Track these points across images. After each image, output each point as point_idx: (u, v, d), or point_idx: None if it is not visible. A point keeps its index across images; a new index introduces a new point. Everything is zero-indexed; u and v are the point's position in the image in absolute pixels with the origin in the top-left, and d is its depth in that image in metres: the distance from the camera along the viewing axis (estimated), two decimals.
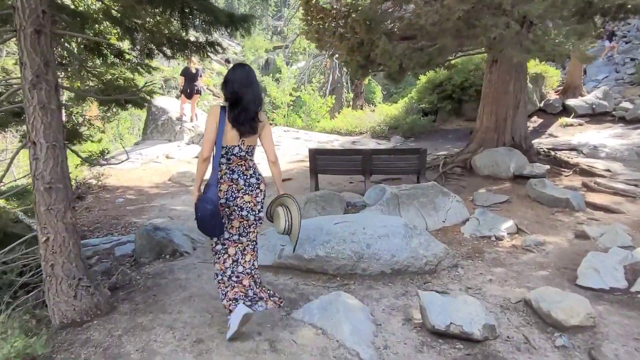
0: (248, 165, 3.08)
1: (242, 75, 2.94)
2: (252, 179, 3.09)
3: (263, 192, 3.16)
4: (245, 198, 3.06)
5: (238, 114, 2.89)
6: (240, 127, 2.91)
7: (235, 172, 3.04)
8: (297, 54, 28.96)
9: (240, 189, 3.05)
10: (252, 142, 3.04)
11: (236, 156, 3.00)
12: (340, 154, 7.53)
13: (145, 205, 7.29)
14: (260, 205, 3.13)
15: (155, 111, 12.37)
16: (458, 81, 14.05)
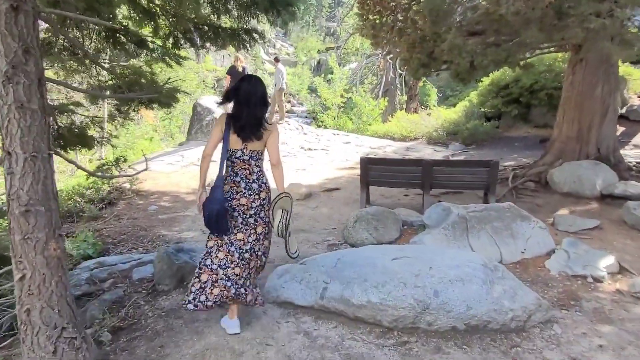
0: (252, 170, 3.16)
1: (245, 88, 3.04)
2: (254, 184, 3.17)
3: (262, 199, 3.19)
4: (241, 200, 3.13)
5: (238, 122, 3.03)
6: (241, 134, 3.04)
7: (238, 174, 3.15)
8: (349, 55, 28.07)
9: (239, 191, 3.14)
10: (255, 147, 3.13)
11: (239, 160, 3.13)
12: (397, 164, 6.58)
13: (179, 214, 6.62)
14: (254, 210, 3.16)
15: (201, 111, 11.85)
16: (527, 83, 12.68)
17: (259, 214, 3.18)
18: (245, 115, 3.01)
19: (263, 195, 3.20)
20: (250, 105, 3.01)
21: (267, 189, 3.27)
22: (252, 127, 3.04)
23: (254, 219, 3.16)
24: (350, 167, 9.92)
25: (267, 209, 3.21)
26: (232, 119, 3.05)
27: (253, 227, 3.16)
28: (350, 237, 5.50)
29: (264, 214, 3.20)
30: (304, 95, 39.93)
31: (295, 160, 10.13)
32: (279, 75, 12.03)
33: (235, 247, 3.11)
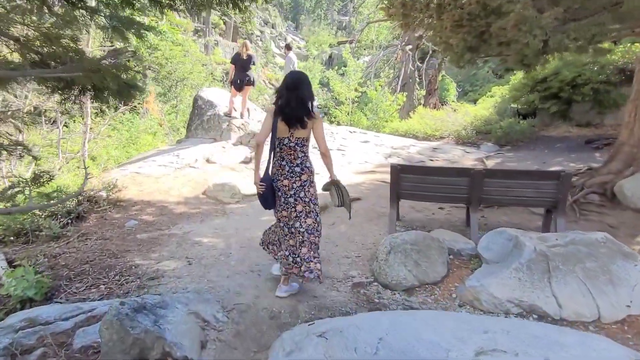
0: (296, 155, 3.45)
1: (289, 81, 3.34)
2: (296, 168, 3.45)
3: (304, 181, 3.49)
4: (284, 182, 3.46)
5: (285, 112, 3.30)
6: (288, 122, 3.32)
7: (284, 159, 3.45)
8: (361, 48, 26.50)
9: (283, 173, 3.46)
10: (301, 135, 3.39)
11: (286, 146, 3.42)
12: (438, 173, 5.14)
13: (163, 233, 5.24)
14: (294, 190, 3.46)
15: (202, 104, 10.45)
16: (568, 76, 11.12)
17: (298, 194, 3.47)
18: (293, 106, 3.26)
19: (304, 177, 3.49)
20: (297, 98, 3.27)
21: (310, 172, 3.54)
22: (298, 117, 3.29)
23: (293, 199, 3.47)
24: (371, 171, 8.48)
25: (308, 190, 3.52)
26: (279, 110, 3.31)
27: (293, 206, 3.49)
28: (383, 273, 4.08)
29: (304, 194, 3.49)
30: (315, 89, 38.53)
31: None
32: (290, 65, 10.58)
33: (282, 224, 3.59)
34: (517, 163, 9.17)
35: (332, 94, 21.42)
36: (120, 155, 18.58)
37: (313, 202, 3.59)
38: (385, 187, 7.45)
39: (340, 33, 63.84)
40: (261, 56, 46.98)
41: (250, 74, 9.86)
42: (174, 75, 24.49)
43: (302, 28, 70.79)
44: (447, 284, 4.05)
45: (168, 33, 27.71)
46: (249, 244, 4.94)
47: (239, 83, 9.68)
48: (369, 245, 5.08)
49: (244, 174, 7.84)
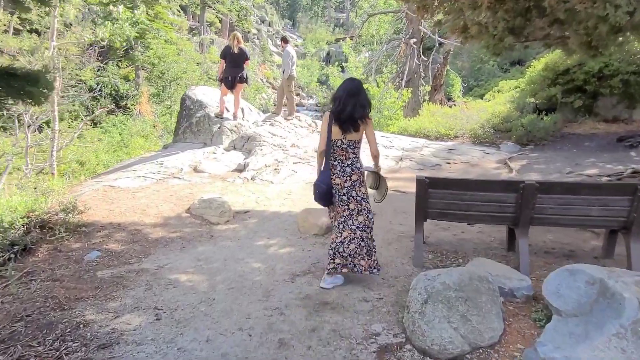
0: (348, 156, 3.62)
1: (350, 87, 3.55)
2: (347, 168, 3.63)
3: (354, 181, 3.64)
4: (336, 181, 3.65)
5: (341, 116, 3.50)
6: (343, 126, 3.52)
7: (336, 159, 3.63)
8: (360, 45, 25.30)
9: (335, 173, 3.64)
10: (353, 137, 3.58)
11: (339, 148, 3.59)
12: (477, 187, 4.02)
13: (132, 268, 4.13)
14: (346, 189, 3.65)
15: (190, 105, 9.32)
16: (594, 68, 9.99)
17: (350, 192, 3.66)
18: (351, 111, 3.47)
19: (355, 177, 3.65)
20: (357, 103, 3.48)
21: (360, 172, 3.69)
22: (352, 122, 3.50)
23: (346, 197, 3.67)
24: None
25: (359, 189, 3.68)
26: (334, 115, 3.54)
27: (346, 204, 3.69)
28: (419, 332, 2.96)
29: (355, 193, 3.67)
30: (313, 87, 37.34)
31: (310, 169, 7.58)
32: (288, 60, 9.45)
33: (335, 220, 3.81)
34: (546, 165, 8.06)
35: (332, 91, 20.32)
36: (110, 159, 17.46)
37: (365, 200, 3.74)
38: (401, 198, 6.34)
39: (337, 30, 62.64)
40: (258, 54, 45.80)
41: (244, 70, 8.74)
42: (167, 74, 23.33)
43: (299, 26, 69.63)
44: (507, 347, 2.93)
45: (161, 31, 26.56)
46: (239, 284, 3.83)
47: (230, 80, 8.56)
48: (391, 280, 3.97)
49: (236, 186, 6.71)
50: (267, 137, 8.50)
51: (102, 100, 24.71)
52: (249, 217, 5.59)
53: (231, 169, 7.46)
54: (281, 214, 5.71)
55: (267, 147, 8.14)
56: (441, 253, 4.53)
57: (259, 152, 7.88)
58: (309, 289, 3.77)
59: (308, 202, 6.15)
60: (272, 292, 3.68)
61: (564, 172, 7.53)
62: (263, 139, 8.36)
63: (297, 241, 4.89)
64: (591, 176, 7.18)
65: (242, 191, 6.48)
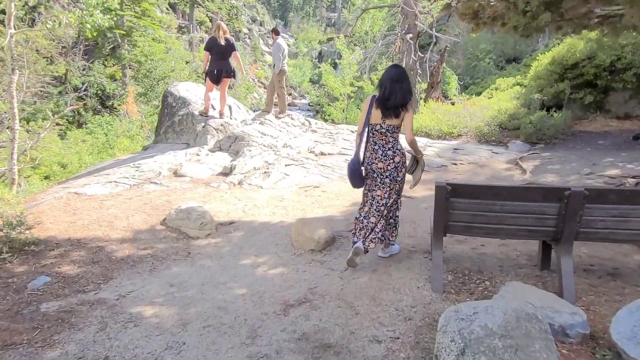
0: (388, 140, 3.66)
1: (391, 74, 3.59)
2: (389, 152, 3.67)
3: (396, 163, 3.69)
4: (378, 165, 3.71)
5: (384, 103, 3.55)
6: (385, 111, 3.57)
7: (377, 144, 3.69)
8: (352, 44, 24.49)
9: (377, 157, 3.70)
10: (392, 122, 3.61)
11: (378, 132, 3.65)
12: (511, 195, 3.25)
13: (86, 297, 3.32)
14: (389, 172, 3.70)
15: (173, 102, 8.49)
16: (605, 61, 9.30)
17: (393, 174, 3.71)
18: (395, 97, 3.51)
19: (397, 159, 3.69)
20: (401, 89, 3.53)
21: (402, 154, 3.72)
22: (394, 108, 3.54)
23: (389, 179, 3.72)
24: None
25: (401, 170, 3.74)
26: (377, 100, 3.58)
27: (389, 186, 3.73)
28: None
29: (397, 174, 3.72)
30: (306, 87, 36.56)
31: (304, 171, 6.79)
32: (278, 53, 8.65)
33: (375, 202, 3.79)
34: (561, 165, 7.34)
35: (325, 89, 19.54)
36: (94, 161, 16.55)
37: (403, 182, 3.82)
38: (407, 204, 5.56)
39: (329, 29, 61.93)
40: (249, 54, 44.96)
41: (231, 63, 7.93)
42: (155, 73, 22.39)
43: (290, 25, 68.89)
44: None
45: (149, 29, 25.62)
46: (218, 320, 3.03)
47: (216, 74, 7.74)
48: (406, 310, 3.19)
49: (221, 192, 5.90)
50: (257, 137, 7.70)
51: (88, 100, 23.78)
52: (234, 229, 4.79)
53: (216, 173, 6.65)
54: (272, 225, 4.91)
55: (257, 147, 7.34)
56: (462, 273, 3.76)
57: (247, 154, 7.07)
58: (306, 325, 2.98)
59: (303, 211, 5.36)
60: (259, 331, 2.89)
61: (582, 173, 6.81)
62: (252, 139, 7.56)
63: (290, 259, 4.10)
64: (614, 177, 6.47)
65: (227, 198, 5.67)
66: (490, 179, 6.82)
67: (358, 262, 3.74)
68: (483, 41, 26.27)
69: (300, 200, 5.71)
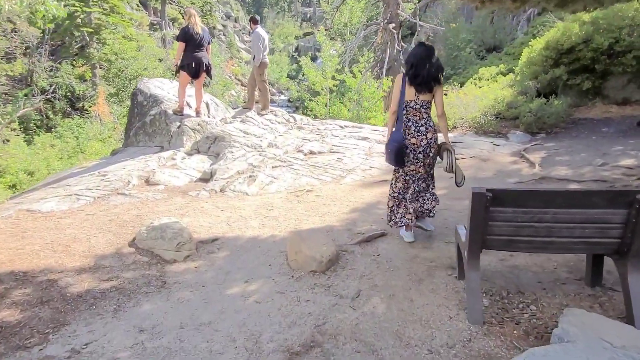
0: (422, 117, 3.72)
1: (419, 52, 3.64)
2: (422, 127, 3.72)
3: (429, 139, 3.73)
4: (412, 140, 3.72)
5: (416, 78, 3.59)
6: (418, 87, 3.61)
7: (410, 120, 3.72)
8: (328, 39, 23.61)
9: (410, 133, 3.72)
10: (425, 98, 3.67)
11: (412, 108, 3.70)
12: (566, 202, 2.60)
13: (25, 356, 2.50)
14: (422, 147, 3.73)
15: (143, 101, 7.61)
16: (604, 44, 8.77)
17: (426, 150, 3.74)
18: (425, 74, 3.56)
19: (430, 135, 3.74)
20: (432, 64, 3.58)
21: (433, 130, 3.78)
22: (428, 83, 3.59)
23: (422, 155, 3.74)
24: (384, 181, 5.89)
25: (433, 146, 3.77)
26: (409, 77, 3.63)
27: (422, 161, 3.77)
28: None
29: (430, 149, 3.76)
30: (284, 83, 35.69)
31: (293, 173, 6.04)
32: (258, 43, 7.84)
33: (409, 177, 3.88)
34: (570, 157, 6.76)
35: (306, 84, 18.75)
36: (64, 167, 15.44)
37: (435, 158, 3.86)
38: None
39: (305, 24, 60.96)
40: (225, 51, 43.71)
41: (207, 56, 7.10)
42: (127, 72, 21.20)
43: (266, 21, 67.65)
44: None
45: (119, 26, 24.35)
46: None
47: (195, 67, 6.89)
48: (442, 351, 2.51)
49: (200, 202, 5.10)
50: (239, 137, 6.90)
51: (57, 102, 22.45)
52: (219, 248, 4.01)
53: (194, 179, 5.84)
54: (262, 241, 4.16)
55: (239, 148, 6.54)
56: (499, 295, 3.08)
57: (228, 156, 6.27)
58: None
59: (297, 220, 4.61)
60: None
61: (595, 164, 6.23)
62: (233, 139, 6.75)
63: (288, 284, 3.36)
64: (631, 168, 5.91)
65: (208, 209, 4.88)
66: (497, 175, 6.19)
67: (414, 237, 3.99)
68: (463, 31, 25.83)
69: (292, 208, 4.96)
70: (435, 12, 30.17)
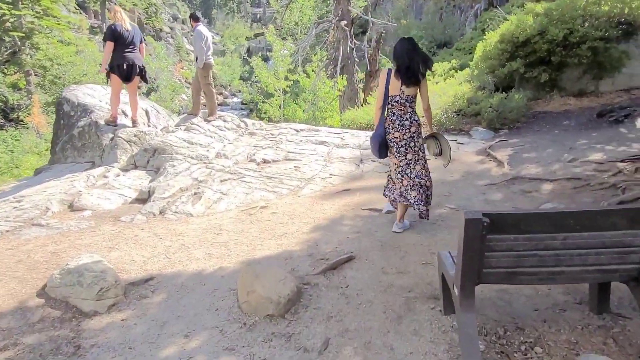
0: (406, 111, 3.71)
1: (405, 46, 3.60)
2: (406, 122, 3.73)
3: (413, 132, 3.76)
4: (395, 134, 3.76)
5: (407, 71, 3.58)
6: (407, 81, 3.60)
7: (395, 114, 3.73)
8: (279, 40, 22.84)
9: (394, 127, 3.75)
10: (410, 92, 3.67)
11: (397, 103, 3.70)
12: (578, 224, 2.10)
13: None
14: (405, 141, 3.76)
15: (70, 111, 6.66)
16: (558, 35, 8.58)
17: (409, 144, 3.77)
18: (415, 67, 3.55)
19: (413, 129, 3.75)
20: (419, 56, 3.57)
21: (418, 124, 3.79)
22: (412, 77, 3.58)
23: (404, 148, 3.77)
24: (346, 191, 5.29)
25: (417, 140, 3.80)
26: (400, 71, 3.60)
27: (404, 154, 3.79)
28: None
29: (414, 144, 3.79)
30: (237, 85, 34.64)
31: (245, 187, 5.34)
32: (200, 43, 7.06)
33: (392, 170, 3.97)
34: (537, 153, 6.42)
35: (258, 85, 17.98)
36: None
37: (422, 150, 3.87)
38: (382, 221, 4.31)
39: (255, 25, 59.79)
40: (174, 54, 41.98)
41: (140, 57, 6.27)
42: (64, 79, 19.63)
43: (215, 23, 65.95)
44: None
45: (54, 30, 22.63)
46: None
47: (126, 69, 6.05)
48: None
49: (135, 229, 4.31)
50: (182, 148, 6.11)
51: None
52: (153, 291, 3.26)
53: (129, 200, 5.02)
54: (208, 276, 3.44)
55: (182, 161, 5.76)
56: (496, 334, 2.55)
57: (170, 171, 5.48)
58: None
59: (249, 246, 3.92)
60: None
61: (565, 160, 5.91)
62: (176, 151, 5.96)
63: (239, 337, 2.68)
64: (601, 163, 5.61)
65: (143, 238, 4.10)
66: (465, 177, 5.74)
67: None
68: (414, 27, 25.79)
69: (244, 230, 4.27)
70: (385, 9, 30.07)
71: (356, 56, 15.41)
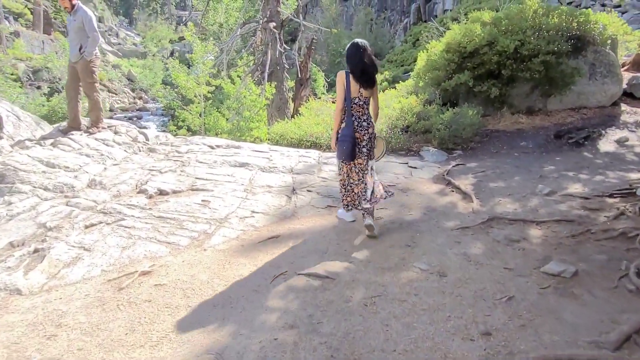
0: (364, 112, 3.79)
1: (356, 47, 3.60)
2: (364, 123, 3.78)
3: (370, 133, 3.81)
4: (355, 135, 3.74)
5: (362, 73, 3.61)
6: (364, 84, 3.65)
7: (354, 115, 3.75)
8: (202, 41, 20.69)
9: (353, 128, 3.73)
10: (367, 94, 3.74)
11: (357, 105, 3.73)
12: None
13: None
14: (365, 141, 3.79)
15: None
16: (509, 46, 7.67)
17: (368, 144, 3.83)
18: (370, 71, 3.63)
19: (371, 130, 3.83)
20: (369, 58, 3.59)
21: (372, 125, 3.86)
22: (369, 80, 3.66)
23: (366, 149, 3.82)
24: (274, 239, 3.69)
25: (374, 140, 3.90)
26: (355, 75, 3.62)
27: (366, 155, 3.83)
28: None
29: (372, 144, 3.87)
30: (159, 89, 31.76)
31: (121, 235, 3.54)
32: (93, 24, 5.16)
33: (357, 169, 3.87)
34: (505, 183, 5.26)
35: (177, 90, 15.86)
36: None
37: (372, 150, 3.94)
38: (322, 293, 2.77)
39: (180, 28, 56.40)
40: None
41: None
42: None
43: (136, 24, 61.46)
44: None
45: None
46: None
47: None
48: None
49: None
50: (34, 173, 4.16)
51: None
52: None
53: None
54: None
55: (28, 195, 3.83)
56: None
57: (2, 212, 3.55)
58: None
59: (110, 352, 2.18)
60: None
61: (540, 192, 4.77)
62: (22, 178, 4.00)
63: None
64: (588, 198, 4.52)
65: None
66: (427, 215, 4.38)
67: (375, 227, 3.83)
68: (344, 37, 24.87)
69: (100, 324, 2.51)
70: (315, 17, 29.00)
71: (286, 63, 13.91)
